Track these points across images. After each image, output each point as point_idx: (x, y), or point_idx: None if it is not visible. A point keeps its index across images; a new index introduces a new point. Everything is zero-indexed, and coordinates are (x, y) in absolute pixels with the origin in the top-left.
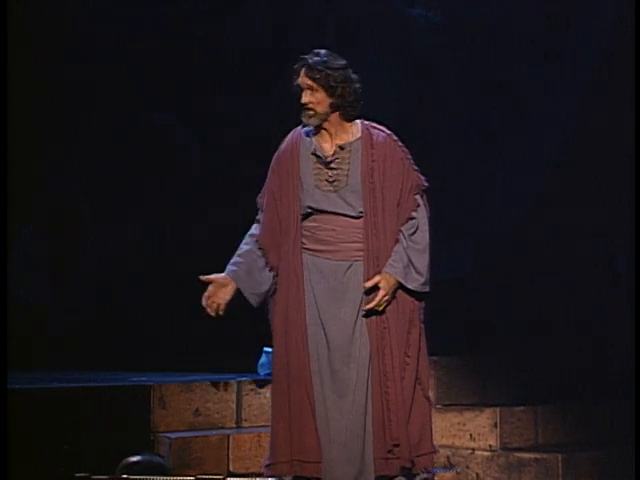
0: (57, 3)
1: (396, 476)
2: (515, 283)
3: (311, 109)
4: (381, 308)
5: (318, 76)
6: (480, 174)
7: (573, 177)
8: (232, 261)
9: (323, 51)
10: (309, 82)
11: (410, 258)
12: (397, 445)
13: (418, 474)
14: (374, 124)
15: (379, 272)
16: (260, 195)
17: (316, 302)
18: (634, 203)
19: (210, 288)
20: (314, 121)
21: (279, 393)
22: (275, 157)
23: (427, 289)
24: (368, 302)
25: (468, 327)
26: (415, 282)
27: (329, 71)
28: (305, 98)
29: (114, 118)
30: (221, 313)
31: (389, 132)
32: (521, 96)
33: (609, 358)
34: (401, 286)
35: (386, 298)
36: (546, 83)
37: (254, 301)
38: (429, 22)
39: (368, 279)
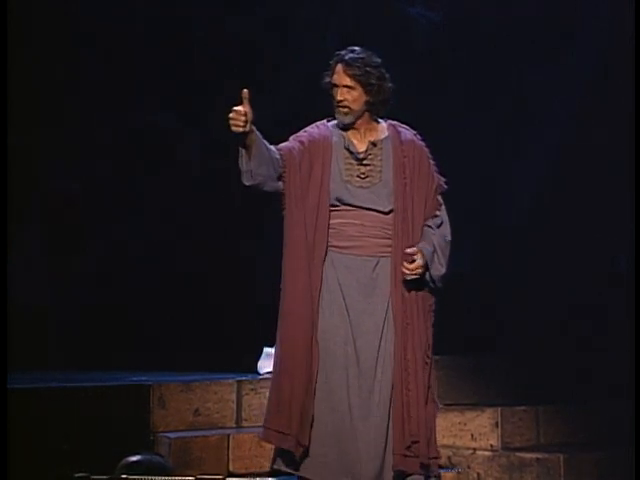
0: (57, 2)
1: (412, 474)
2: (515, 283)
3: (346, 107)
4: (412, 276)
5: (358, 73)
6: (480, 174)
7: (573, 177)
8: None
9: (358, 48)
10: (347, 80)
11: (436, 247)
12: (416, 442)
13: (430, 476)
14: (398, 123)
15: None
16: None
17: (344, 299)
18: (634, 203)
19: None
20: (349, 119)
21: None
22: (307, 135)
23: (441, 284)
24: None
25: (468, 327)
26: (436, 272)
27: (368, 69)
28: (341, 95)
29: (114, 118)
30: (246, 129)
31: (414, 131)
32: (521, 96)
33: (609, 358)
34: (424, 271)
35: (419, 271)
36: (546, 83)
37: (248, 175)
38: (429, 22)
39: (396, 275)
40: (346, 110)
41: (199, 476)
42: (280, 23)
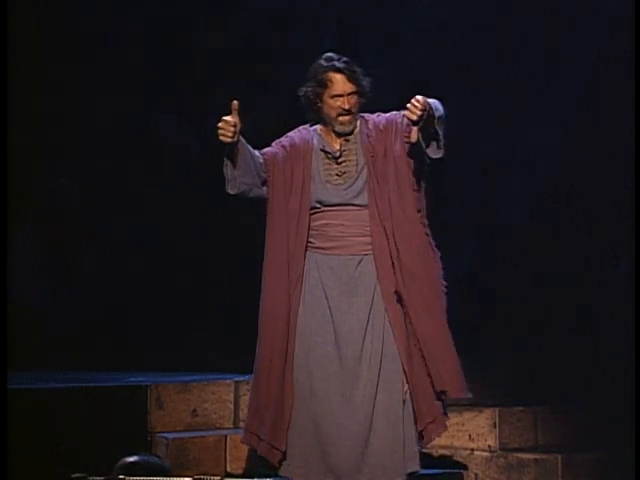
0: (57, 2)
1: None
2: (515, 283)
3: (352, 114)
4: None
5: (359, 78)
6: (480, 174)
7: (574, 176)
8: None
9: (334, 54)
10: (352, 86)
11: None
12: (444, 391)
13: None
14: (365, 114)
15: (390, 259)
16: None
17: (327, 299)
18: (634, 202)
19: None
20: (352, 125)
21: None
22: (289, 139)
23: (442, 149)
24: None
25: (468, 327)
26: (438, 112)
27: (359, 70)
28: (348, 104)
29: (114, 118)
30: (234, 139)
31: (378, 112)
32: (520, 96)
33: (609, 358)
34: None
35: (424, 104)
36: (546, 83)
37: (232, 184)
38: (429, 22)
39: (382, 268)
40: (351, 117)
41: (197, 477)
42: (280, 23)
